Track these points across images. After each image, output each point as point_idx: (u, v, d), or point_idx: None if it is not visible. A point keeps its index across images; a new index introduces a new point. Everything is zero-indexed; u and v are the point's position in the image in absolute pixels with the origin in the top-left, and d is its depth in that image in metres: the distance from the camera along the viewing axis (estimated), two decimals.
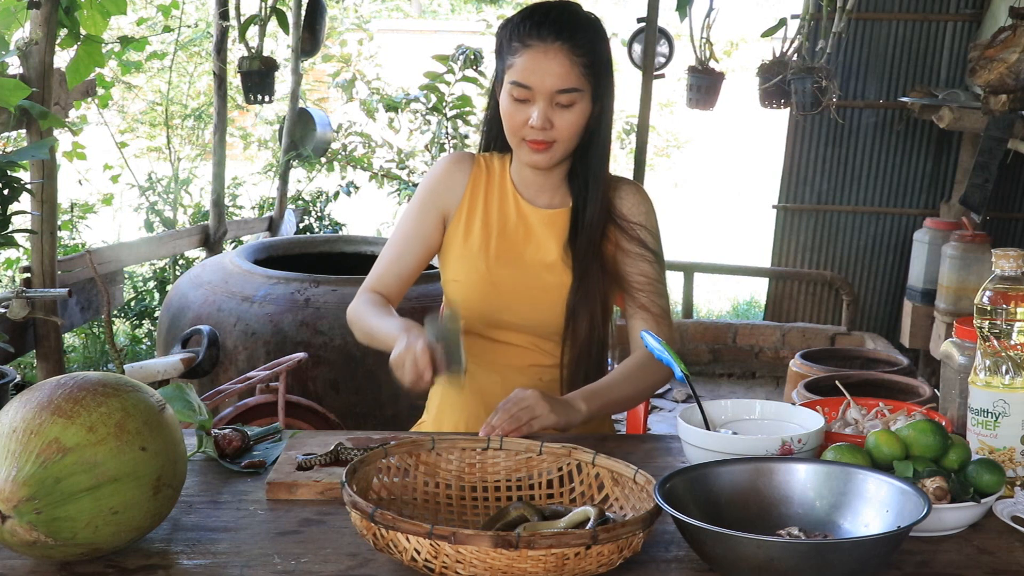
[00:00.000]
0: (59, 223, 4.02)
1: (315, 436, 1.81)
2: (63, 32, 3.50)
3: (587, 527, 1.33)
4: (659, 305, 2.03)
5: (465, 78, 6.14)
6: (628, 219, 2.04)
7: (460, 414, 2.07)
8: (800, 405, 1.77)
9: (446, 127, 6.33)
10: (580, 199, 2.01)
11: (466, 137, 6.34)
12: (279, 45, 7.22)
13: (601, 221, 2.01)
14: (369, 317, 1.96)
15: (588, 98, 1.93)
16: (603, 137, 2.00)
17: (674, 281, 6.64)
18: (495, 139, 2.07)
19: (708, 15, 5.35)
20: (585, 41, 1.91)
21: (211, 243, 5.51)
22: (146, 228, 6.62)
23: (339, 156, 6.79)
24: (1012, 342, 1.56)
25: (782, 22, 5.43)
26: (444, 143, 6.36)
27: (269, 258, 4.14)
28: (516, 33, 1.92)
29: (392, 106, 6.58)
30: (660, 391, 5.33)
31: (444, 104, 6.27)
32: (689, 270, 6.18)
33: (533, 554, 1.22)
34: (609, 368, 2.10)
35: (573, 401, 1.84)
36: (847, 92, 5.68)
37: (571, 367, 2.02)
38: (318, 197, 7.02)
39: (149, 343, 6.07)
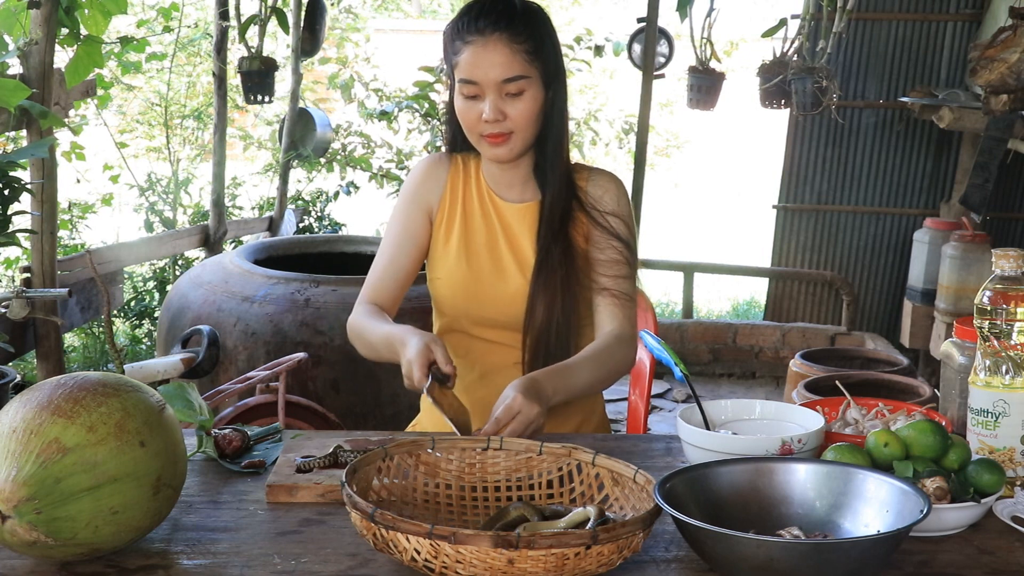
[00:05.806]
0: (59, 223, 4.02)
1: (313, 438, 1.81)
2: (63, 32, 3.50)
3: (587, 527, 1.33)
4: (623, 289, 2.01)
5: None
6: (598, 207, 2.03)
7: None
8: (800, 405, 1.77)
9: (440, 132, 6.35)
10: (544, 189, 2.03)
11: None
12: (279, 45, 7.22)
13: (562, 207, 2.01)
14: (370, 331, 1.97)
15: (538, 84, 1.94)
16: (557, 123, 1.99)
17: (674, 281, 6.64)
18: (458, 137, 2.06)
19: (708, 15, 5.35)
20: (524, 28, 1.91)
21: (211, 243, 5.51)
22: (146, 228, 6.63)
23: (339, 156, 6.79)
24: (1012, 342, 1.56)
25: (782, 22, 5.43)
26: (441, 147, 6.37)
27: (269, 258, 4.14)
28: (456, 32, 1.94)
29: (384, 116, 6.60)
30: (660, 391, 5.33)
31: (436, 111, 6.30)
32: (689, 270, 6.18)
33: (533, 554, 1.22)
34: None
35: (542, 389, 1.78)
36: (847, 92, 5.68)
37: (531, 355, 1.99)
38: (318, 197, 7.02)
39: (149, 343, 6.07)
